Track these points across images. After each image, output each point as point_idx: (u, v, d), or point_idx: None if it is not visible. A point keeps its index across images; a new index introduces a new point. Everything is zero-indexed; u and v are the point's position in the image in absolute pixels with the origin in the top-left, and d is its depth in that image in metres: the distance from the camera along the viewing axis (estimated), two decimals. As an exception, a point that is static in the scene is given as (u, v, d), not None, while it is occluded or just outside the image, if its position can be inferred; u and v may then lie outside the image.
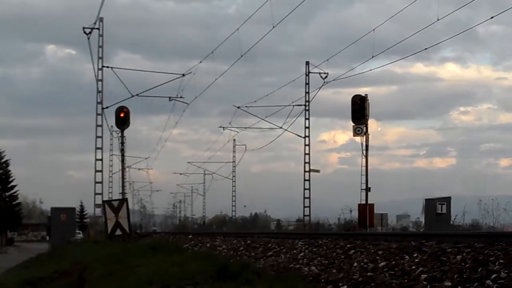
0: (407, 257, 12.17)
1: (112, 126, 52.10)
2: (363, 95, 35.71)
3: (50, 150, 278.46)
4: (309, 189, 49.03)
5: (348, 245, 15.41)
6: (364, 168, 35.74)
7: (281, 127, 52.05)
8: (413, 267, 11.16)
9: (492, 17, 26.26)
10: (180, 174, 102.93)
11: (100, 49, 43.16)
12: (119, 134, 37.23)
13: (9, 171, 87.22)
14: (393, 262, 11.98)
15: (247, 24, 32.94)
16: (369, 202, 35.76)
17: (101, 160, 44.17)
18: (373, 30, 32.96)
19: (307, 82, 48.97)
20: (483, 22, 29.49)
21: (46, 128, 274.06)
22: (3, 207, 77.43)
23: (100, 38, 43.08)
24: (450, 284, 9.57)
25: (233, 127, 60.73)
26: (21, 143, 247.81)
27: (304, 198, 49.16)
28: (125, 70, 46.26)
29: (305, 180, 49.01)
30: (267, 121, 53.10)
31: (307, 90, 49.05)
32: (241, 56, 34.69)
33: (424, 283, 9.96)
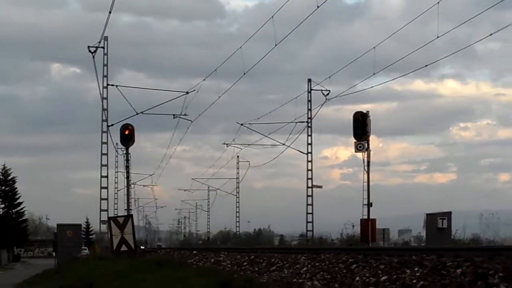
0: (408, 271, 12.27)
1: (117, 144, 52.28)
2: (365, 111, 35.95)
3: (56, 167, 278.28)
4: (311, 204, 49.35)
5: (350, 260, 15.42)
6: (366, 184, 35.98)
7: (284, 144, 52.29)
8: (414, 280, 11.32)
9: (491, 34, 26.62)
10: (185, 190, 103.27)
11: (105, 67, 43.67)
12: (124, 151, 37.36)
13: (16, 188, 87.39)
14: (395, 276, 12.13)
15: (250, 43, 33.29)
16: (371, 217, 35.99)
17: (107, 177, 44.61)
18: (374, 47, 33.33)
19: (309, 99, 49.46)
20: (482, 39, 29.80)
21: (51, 146, 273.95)
22: (10, 223, 77.39)
23: (105, 56, 43.63)
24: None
25: (237, 144, 61.09)
26: (27, 161, 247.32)
27: (307, 213, 49.46)
28: (130, 88, 46.50)
29: (307, 195, 49.35)
30: (270, 138, 53.49)
31: (309, 107, 49.51)
32: (244, 74, 34.96)
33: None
